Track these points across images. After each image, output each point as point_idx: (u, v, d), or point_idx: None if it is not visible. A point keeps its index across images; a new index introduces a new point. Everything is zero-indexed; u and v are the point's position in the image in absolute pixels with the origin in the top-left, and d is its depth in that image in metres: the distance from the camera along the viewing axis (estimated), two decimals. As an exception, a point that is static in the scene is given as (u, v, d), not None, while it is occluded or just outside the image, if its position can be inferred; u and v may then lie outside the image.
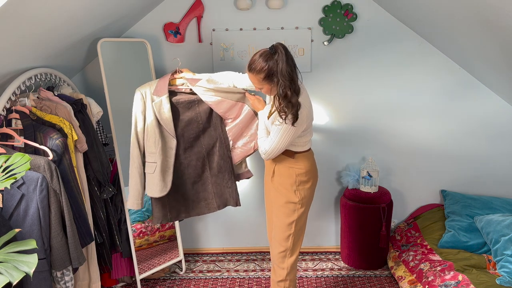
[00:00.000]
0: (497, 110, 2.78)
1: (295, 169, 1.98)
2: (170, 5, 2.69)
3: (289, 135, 1.85)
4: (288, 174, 1.99)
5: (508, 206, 2.70)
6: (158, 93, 2.12)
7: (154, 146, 2.10)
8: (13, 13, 1.48)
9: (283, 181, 2.00)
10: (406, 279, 2.42)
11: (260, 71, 1.80)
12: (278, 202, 2.02)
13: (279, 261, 2.04)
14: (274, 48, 1.80)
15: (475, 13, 1.91)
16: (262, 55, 1.80)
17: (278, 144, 1.88)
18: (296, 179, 1.97)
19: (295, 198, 1.98)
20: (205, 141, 2.23)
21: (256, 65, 1.80)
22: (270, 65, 1.78)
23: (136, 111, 2.12)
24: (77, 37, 2.22)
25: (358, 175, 2.78)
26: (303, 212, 2.01)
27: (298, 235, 2.04)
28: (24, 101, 2.01)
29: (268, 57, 1.79)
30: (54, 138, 1.91)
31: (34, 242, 1.23)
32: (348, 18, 2.66)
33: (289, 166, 1.98)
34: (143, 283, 2.65)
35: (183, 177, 2.22)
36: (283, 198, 2.00)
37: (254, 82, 1.86)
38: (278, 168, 2.02)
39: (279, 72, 1.77)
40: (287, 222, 1.99)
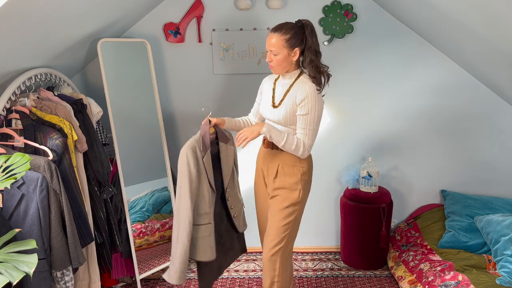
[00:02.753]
0: (497, 110, 2.79)
1: (299, 168, 1.93)
2: (170, 5, 2.69)
3: (321, 110, 1.84)
4: (293, 173, 1.93)
5: (508, 206, 2.70)
6: (206, 148, 1.91)
7: (208, 206, 1.91)
8: (13, 13, 1.48)
9: (288, 180, 1.94)
10: (406, 279, 2.42)
11: (287, 32, 1.79)
12: (278, 205, 1.96)
13: (271, 263, 1.97)
14: (301, 22, 1.83)
15: (475, 13, 1.91)
16: (293, 25, 1.82)
17: (316, 126, 1.85)
18: (301, 178, 1.93)
19: (297, 199, 1.94)
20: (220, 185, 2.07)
21: (283, 25, 1.81)
22: (298, 32, 1.80)
23: (191, 170, 1.84)
24: (77, 37, 2.22)
25: (358, 175, 2.78)
26: (300, 213, 1.98)
27: (292, 237, 2.00)
28: (24, 101, 2.01)
29: (298, 28, 1.82)
30: (54, 138, 1.91)
31: (34, 242, 1.23)
32: (348, 18, 2.66)
33: (293, 164, 1.93)
34: (143, 283, 2.64)
35: (221, 228, 2.06)
36: (285, 199, 1.94)
37: (273, 45, 1.81)
38: (282, 168, 1.96)
39: (312, 47, 1.81)
40: (284, 223, 1.94)
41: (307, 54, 1.83)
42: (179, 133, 2.90)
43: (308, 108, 1.82)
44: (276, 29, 1.82)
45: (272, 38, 1.82)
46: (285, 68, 1.87)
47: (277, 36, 1.81)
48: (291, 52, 1.82)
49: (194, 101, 2.85)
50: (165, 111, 2.82)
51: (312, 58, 1.83)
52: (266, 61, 1.90)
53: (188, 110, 2.86)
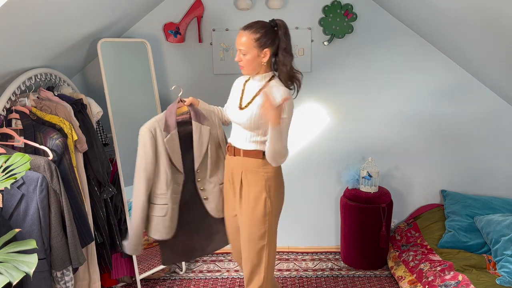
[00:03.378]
0: (497, 110, 2.79)
1: (263, 174, 1.79)
2: (170, 5, 2.69)
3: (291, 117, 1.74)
4: (256, 180, 1.79)
5: (508, 206, 2.70)
6: (168, 128, 1.90)
7: (166, 187, 1.91)
8: (13, 13, 1.48)
9: (252, 190, 1.80)
10: (406, 279, 2.42)
11: (257, 30, 1.69)
12: (248, 215, 1.82)
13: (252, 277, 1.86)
14: (274, 22, 1.73)
15: (475, 13, 1.91)
16: (264, 24, 1.73)
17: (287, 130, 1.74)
18: (265, 185, 1.79)
19: (264, 210, 1.78)
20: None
21: (254, 24, 1.71)
22: (269, 32, 1.70)
23: (148, 150, 1.88)
24: (77, 37, 2.22)
25: (358, 175, 2.78)
26: (274, 220, 1.85)
27: (272, 245, 1.86)
28: (24, 101, 2.01)
29: (270, 28, 1.72)
30: (54, 138, 1.91)
31: (34, 242, 1.23)
32: (348, 18, 2.66)
33: (256, 170, 1.79)
34: (143, 283, 2.64)
35: (194, 211, 2.02)
36: (253, 210, 1.80)
37: (242, 44, 1.71)
38: (245, 175, 1.82)
39: (284, 43, 1.71)
40: (259, 234, 1.81)
41: (280, 56, 1.73)
42: (179, 133, 2.89)
43: (285, 113, 1.70)
44: (246, 27, 1.72)
45: (241, 36, 1.72)
46: (255, 69, 1.77)
47: (246, 34, 1.70)
48: (261, 53, 1.72)
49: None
50: (165, 111, 2.81)
51: (285, 61, 1.73)
52: (235, 60, 1.80)
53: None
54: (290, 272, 2.77)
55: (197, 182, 2.00)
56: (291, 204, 3.00)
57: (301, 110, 2.86)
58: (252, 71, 1.78)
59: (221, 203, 2.03)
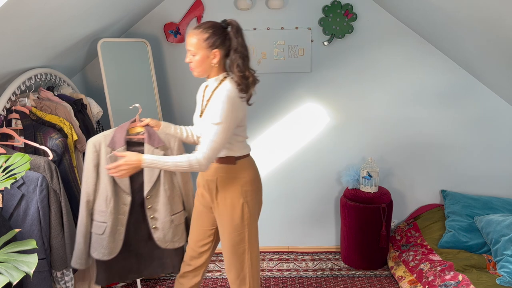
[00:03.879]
0: (497, 110, 2.78)
1: (239, 179, 1.75)
2: (170, 5, 2.69)
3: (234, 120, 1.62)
4: (232, 187, 1.75)
5: (508, 206, 2.70)
6: (114, 145, 1.83)
7: (105, 204, 1.83)
8: (13, 13, 1.48)
9: (228, 196, 1.76)
10: (406, 279, 2.42)
11: (205, 30, 1.62)
12: (226, 222, 1.79)
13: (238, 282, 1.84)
14: (226, 22, 1.67)
15: (475, 13, 1.91)
16: (214, 24, 1.66)
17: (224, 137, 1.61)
18: (242, 190, 1.75)
19: (241, 216, 1.75)
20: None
21: (203, 24, 1.65)
22: (219, 31, 1.64)
23: (88, 164, 1.83)
24: (77, 37, 2.22)
25: (358, 175, 2.78)
26: (253, 224, 1.82)
27: (254, 249, 1.83)
28: (24, 101, 2.02)
29: (221, 28, 1.65)
30: (54, 138, 1.91)
31: (34, 242, 1.23)
32: (348, 18, 2.66)
33: (231, 176, 1.75)
34: (143, 283, 2.64)
35: (138, 235, 1.95)
36: (231, 216, 1.76)
37: (190, 45, 1.65)
38: (221, 182, 1.76)
39: (237, 48, 1.63)
40: (239, 239, 1.78)
41: (232, 57, 1.65)
42: (179, 133, 2.90)
43: (220, 116, 1.59)
44: (195, 27, 1.66)
45: (190, 36, 1.65)
46: (205, 70, 1.69)
47: (195, 34, 1.64)
48: (210, 53, 1.64)
49: (194, 101, 2.84)
50: (165, 111, 2.82)
51: (238, 62, 1.64)
52: (185, 61, 1.73)
53: (188, 110, 2.86)
54: (290, 272, 2.78)
55: (147, 209, 1.91)
56: (291, 204, 3.01)
57: (301, 110, 2.86)
58: (202, 73, 1.70)
59: (170, 234, 1.94)
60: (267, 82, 2.82)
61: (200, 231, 1.92)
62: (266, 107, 2.86)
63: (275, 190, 2.98)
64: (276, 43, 2.74)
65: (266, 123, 2.89)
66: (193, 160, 1.61)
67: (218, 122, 1.59)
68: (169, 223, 1.94)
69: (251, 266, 1.83)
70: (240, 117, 1.68)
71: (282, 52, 2.75)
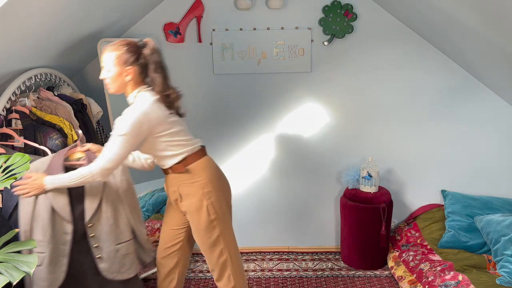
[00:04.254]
0: (497, 110, 2.78)
1: (198, 183, 1.76)
2: (170, 5, 2.69)
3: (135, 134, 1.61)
4: (193, 192, 1.77)
5: (508, 206, 2.70)
6: (51, 171, 1.72)
7: (42, 233, 1.68)
8: (13, 13, 1.48)
9: (191, 201, 1.78)
10: (406, 279, 2.42)
11: (119, 48, 1.64)
12: (195, 227, 1.82)
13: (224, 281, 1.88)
14: (143, 42, 1.69)
15: (475, 13, 1.91)
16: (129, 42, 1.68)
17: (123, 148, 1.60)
18: (203, 193, 1.76)
19: (208, 217, 1.78)
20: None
21: (118, 41, 1.66)
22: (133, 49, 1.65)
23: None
24: (77, 37, 2.22)
25: (358, 175, 2.78)
26: (225, 222, 1.84)
27: (231, 246, 1.86)
28: (24, 101, 2.02)
29: (135, 46, 1.67)
30: (54, 138, 1.91)
31: (34, 242, 1.23)
32: (348, 18, 2.66)
33: (190, 182, 1.76)
34: (143, 283, 2.64)
35: (84, 266, 1.80)
36: (198, 220, 1.79)
37: (105, 61, 1.67)
38: (182, 189, 1.78)
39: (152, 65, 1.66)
40: (212, 241, 1.81)
41: (152, 76, 1.68)
42: (179, 133, 2.90)
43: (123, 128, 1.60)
44: (110, 44, 1.68)
45: (104, 53, 1.67)
46: (120, 87, 1.69)
47: (109, 51, 1.66)
48: (124, 71, 1.65)
49: (194, 101, 2.85)
50: (165, 111, 2.81)
51: (155, 80, 1.67)
52: (99, 78, 1.73)
53: (188, 110, 2.86)
54: (290, 272, 2.78)
55: (90, 237, 1.78)
56: (291, 204, 3.01)
57: (301, 110, 2.86)
58: (117, 89, 1.70)
59: (116, 264, 1.82)
60: (267, 82, 2.82)
61: (169, 231, 1.95)
62: (266, 107, 2.86)
63: (275, 190, 2.98)
64: (276, 43, 2.74)
65: (266, 123, 2.89)
66: (86, 171, 1.61)
67: (121, 133, 1.60)
68: (115, 253, 1.80)
69: (232, 264, 1.86)
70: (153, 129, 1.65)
71: (282, 52, 2.75)
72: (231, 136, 2.91)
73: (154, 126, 1.66)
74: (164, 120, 1.68)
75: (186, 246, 1.98)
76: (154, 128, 1.66)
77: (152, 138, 1.69)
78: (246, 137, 2.91)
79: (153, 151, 1.76)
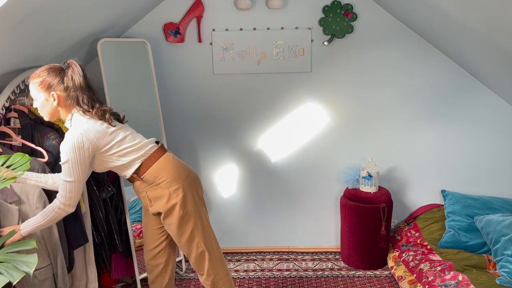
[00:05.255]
0: (497, 110, 2.79)
1: (164, 184, 1.76)
2: (170, 5, 2.69)
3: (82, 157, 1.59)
4: (161, 193, 1.77)
5: (508, 206, 2.70)
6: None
7: None
8: (13, 13, 1.47)
9: (160, 203, 1.78)
10: (406, 279, 2.42)
11: (39, 75, 1.62)
12: (169, 226, 1.83)
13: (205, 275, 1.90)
14: (67, 64, 1.68)
15: (475, 12, 1.91)
16: (51, 66, 1.66)
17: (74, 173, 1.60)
18: (170, 192, 1.76)
19: (180, 214, 1.78)
20: None
21: (39, 69, 1.65)
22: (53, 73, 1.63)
23: None
24: (77, 37, 2.22)
25: (358, 175, 2.78)
26: (197, 215, 1.82)
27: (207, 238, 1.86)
28: (23, 100, 2.02)
29: (57, 69, 1.65)
30: (51, 138, 1.91)
31: (34, 242, 1.23)
32: (348, 18, 2.66)
33: (155, 185, 1.76)
34: (143, 283, 2.64)
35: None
36: (170, 219, 1.80)
37: (32, 91, 1.66)
38: (150, 194, 1.79)
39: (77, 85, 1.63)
40: (187, 237, 1.82)
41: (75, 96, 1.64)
42: (179, 133, 2.89)
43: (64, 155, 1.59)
44: (32, 74, 1.66)
45: (29, 82, 1.66)
46: (52, 114, 1.67)
47: (31, 80, 1.64)
48: (49, 96, 1.63)
49: (194, 101, 2.85)
50: (165, 111, 2.81)
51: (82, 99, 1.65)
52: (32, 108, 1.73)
53: (188, 110, 2.86)
54: (290, 272, 2.77)
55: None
56: (291, 204, 3.01)
57: (301, 110, 2.86)
58: (51, 116, 1.69)
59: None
60: (267, 82, 2.82)
61: (150, 233, 1.96)
62: (266, 107, 2.86)
63: (275, 190, 2.98)
64: (276, 43, 2.74)
65: (266, 123, 2.89)
66: (49, 209, 1.61)
67: (65, 160, 1.59)
68: (32, 278, 1.73)
69: (210, 256, 1.86)
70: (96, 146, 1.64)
71: (282, 52, 2.75)
72: (231, 136, 2.91)
73: (96, 143, 1.64)
74: (105, 133, 1.66)
75: (170, 243, 1.99)
76: (97, 144, 1.64)
77: (99, 154, 1.68)
78: (246, 137, 2.91)
79: (106, 166, 1.74)
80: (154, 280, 2.01)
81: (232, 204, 3.02)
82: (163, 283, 2.01)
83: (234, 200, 3.00)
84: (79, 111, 1.66)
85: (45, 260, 1.76)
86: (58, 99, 1.64)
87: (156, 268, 1.99)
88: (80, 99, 1.64)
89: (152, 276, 2.01)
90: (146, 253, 2.00)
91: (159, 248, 1.97)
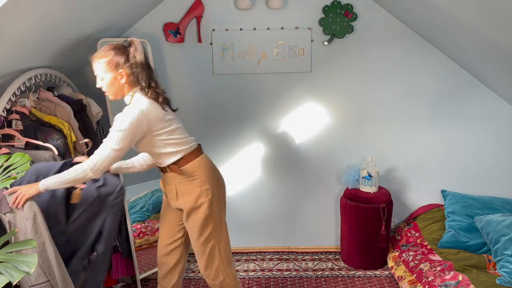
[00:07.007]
0: (497, 110, 2.78)
1: (197, 181, 1.79)
2: (170, 5, 2.69)
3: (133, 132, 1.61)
4: (191, 190, 1.79)
5: (508, 206, 2.70)
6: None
7: None
8: (13, 13, 1.48)
9: (188, 199, 1.80)
10: (406, 279, 2.42)
11: (106, 54, 1.66)
12: (190, 225, 1.85)
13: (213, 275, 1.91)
14: (129, 42, 1.73)
15: (475, 12, 1.91)
16: (115, 45, 1.70)
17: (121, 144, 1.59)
18: (202, 191, 1.79)
19: (205, 214, 1.80)
20: None
21: (104, 47, 1.69)
22: (120, 52, 1.67)
23: None
24: (77, 37, 2.22)
25: (358, 175, 2.78)
26: (218, 219, 1.86)
27: (222, 243, 1.89)
28: (24, 101, 2.02)
29: (122, 48, 1.70)
30: (55, 139, 1.91)
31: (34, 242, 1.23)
32: (348, 18, 2.66)
33: (189, 180, 1.79)
34: (143, 283, 2.64)
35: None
36: (194, 217, 1.82)
37: (96, 70, 1.70)
38: (179, 188, 1.81)
39: (139, 63, 1.68)
40: (205, 238, 1.84)
41: (136, 73, 1.69)
42: (179, 133, 2.90)
43: (122, 123, 1.61)
44: (96, 52, 1.71)
45: (94, 62, 1.70)
46: (118, 92, 1.72)
47: (97, 59, 1.68)
48: (117, 74, 1.68)
49: (194, 101, 2.85)
50: (165, 111, 2.81)
51: (141, 77, 1.69)
52: (96, 87, 1.75)
53: (188, 110, 2.86)
54: (290, 272, 2.78)
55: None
56: (291, 204, 3.01)
57: (301, 110, 2.86)
58: (117, 95, 1.73)
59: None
60: (267, 82, 2.82)
61: (168, 228, 1.97)
62: (266, 107, 2.86)
63: (275, 190, 2.98)
64: (276, 43, 2.74)
65: (266, 123, 2.89)
66: (79, 169, 1.58)
67: (120, 129, 1.60)
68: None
69: (221, 258, 1.89)
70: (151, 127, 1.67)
71: (282, 52, 2.75)
72: (231, 136, 2.91)
73: (152, 124, 1.68)
74: (162, 118, 1.70)
75: (186, 241, 1.99)
76: (152, 126, 1.68)
77: (151, 136, 1.70)
78: (246, 137, 2.92)
79: (151, 149, 1.77)
80: (164, 276, 2.01)
81: (232, 204, 3.02)
82: (172, 281, 2.01)
83: (233, 200, 3.00)
84: (140, 91, 1.71)
85: (40, 277, 1.65)
86: (126, 77, 1.69)
87: (167, 265, 1.99)
88: (140, 77, 1.69)
89: (162, 273, 2.01)
90: (160, 249, 2.00)
91: (175, 245, 1.97)
